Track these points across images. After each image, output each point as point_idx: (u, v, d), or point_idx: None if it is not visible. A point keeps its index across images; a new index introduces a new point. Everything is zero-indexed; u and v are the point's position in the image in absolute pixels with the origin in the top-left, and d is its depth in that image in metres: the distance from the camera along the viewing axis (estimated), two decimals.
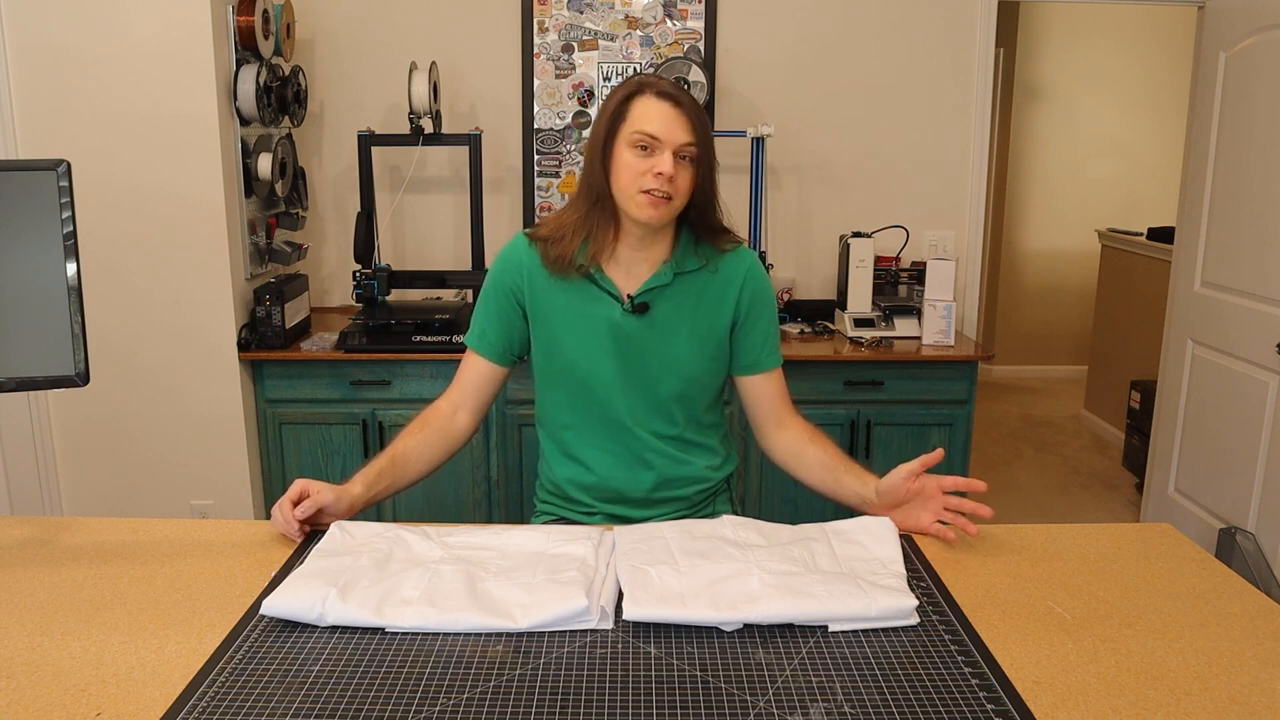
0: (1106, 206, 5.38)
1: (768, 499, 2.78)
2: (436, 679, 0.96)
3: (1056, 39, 5.31)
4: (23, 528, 1.36)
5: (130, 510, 2.72)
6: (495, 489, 2.78)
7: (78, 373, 1.24)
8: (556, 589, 1.09)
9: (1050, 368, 5.70)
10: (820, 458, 1.48)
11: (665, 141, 1.39)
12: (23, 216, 1.20)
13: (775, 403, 1.57)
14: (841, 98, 3.16)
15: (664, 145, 1.40)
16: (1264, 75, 2.79)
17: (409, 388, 2.71)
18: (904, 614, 1.07)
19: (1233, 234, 2.94)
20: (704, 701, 0.93)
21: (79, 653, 1.01)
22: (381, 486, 1.42)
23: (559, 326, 1.52)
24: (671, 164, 1.39)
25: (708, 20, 3.09)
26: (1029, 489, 3.97)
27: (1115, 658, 1.02)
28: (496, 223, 3.14)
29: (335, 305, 3.25)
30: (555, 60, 3.11)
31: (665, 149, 1.39)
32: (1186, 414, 3.18)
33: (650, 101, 1.41)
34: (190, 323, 2.64)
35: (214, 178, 2.57)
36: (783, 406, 1.57)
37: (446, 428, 1.52)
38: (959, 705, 0.92)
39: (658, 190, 1.40)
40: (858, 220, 3.17)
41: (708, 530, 1.27)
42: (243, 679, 0.96)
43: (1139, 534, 1.35)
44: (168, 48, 2.51)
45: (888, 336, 2.85)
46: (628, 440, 1.53)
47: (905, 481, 1.32)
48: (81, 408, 2.68)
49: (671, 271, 1.50)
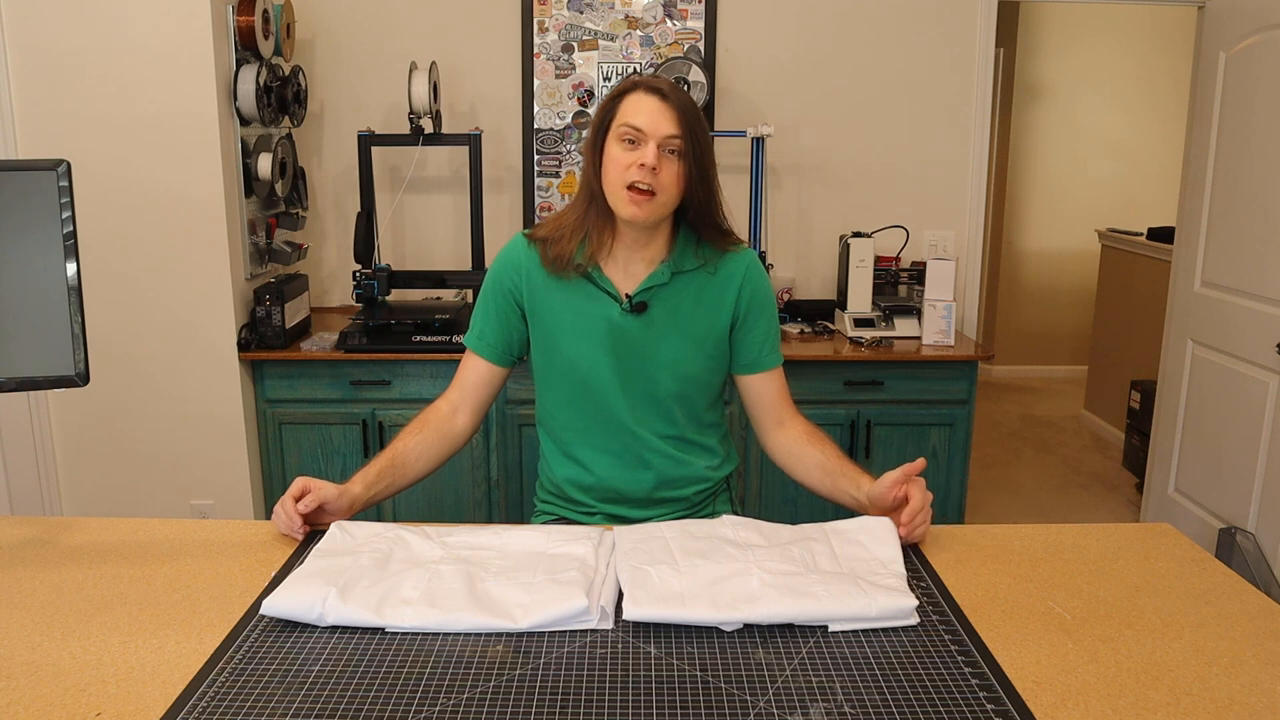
0: (1106, 206, 5.38)
1: (768, 499, 2.78)
2: (436, 679, 0.96)
3: (1056, 39, 5.31)
4: (23, 528, 1.36)
5: (130, 510, 2.71)
6: (495, 489, 2.78)
7: (78, 373, 1.24)
8: (556, 589, 1.09)
9: (1050, 368, 5.70)
10: (818, 459, 1.48)
11: (650, 133, 1.39)
12: (23, 216, 1.20)
13: (775, 402, 1.57)
14: (841, 98, 3.16)
15: (648, 137, 1.39)
16: (1264, 75, 2.79)
17: (409, 388, 2.71)
18: (904, 614, 1.07)
19: (1233, 234, 2.94)
20: (704, 701, 0.93)
21: (79, 653, 1.01)
22: (381, 486, 1.42)
23: (558, 327, 1.52)
24: (655, 156, 1.39)
25: (708, 20, 3.09)
26: (1029, 489, 3.97)
27: (1115, 658, 1.02)
28: (496, 223, 3.14)
29: (335, 305, 3.25)
30: (555, 60, 3.11)
31: (650, 141, 1.39)
32: (1186, 414, 3.18)
33: (639, 96, 1.41)
34: (190, 323, 2.64)
35: (214, 178, 2.57)
36: (783, 406, 1.57)
37: (446, 428, 1.52)
38: (959, 705, 0.92)
39: (641, 183, 1.39)
40: (858, 220, 3.17)
41: (708, 530, 1.27)
42: (243, 679, 0.96)
43: (1139, 534, 1.35)
44: (168, 48, 2.51)
45: (888, 336, 2.85)
46: (627, 440, 1.53)
47: (891, 489, 1.32)
48: (81, 408, 2.68)
49: (669, 271, 1.50)
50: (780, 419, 1.56)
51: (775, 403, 1.57)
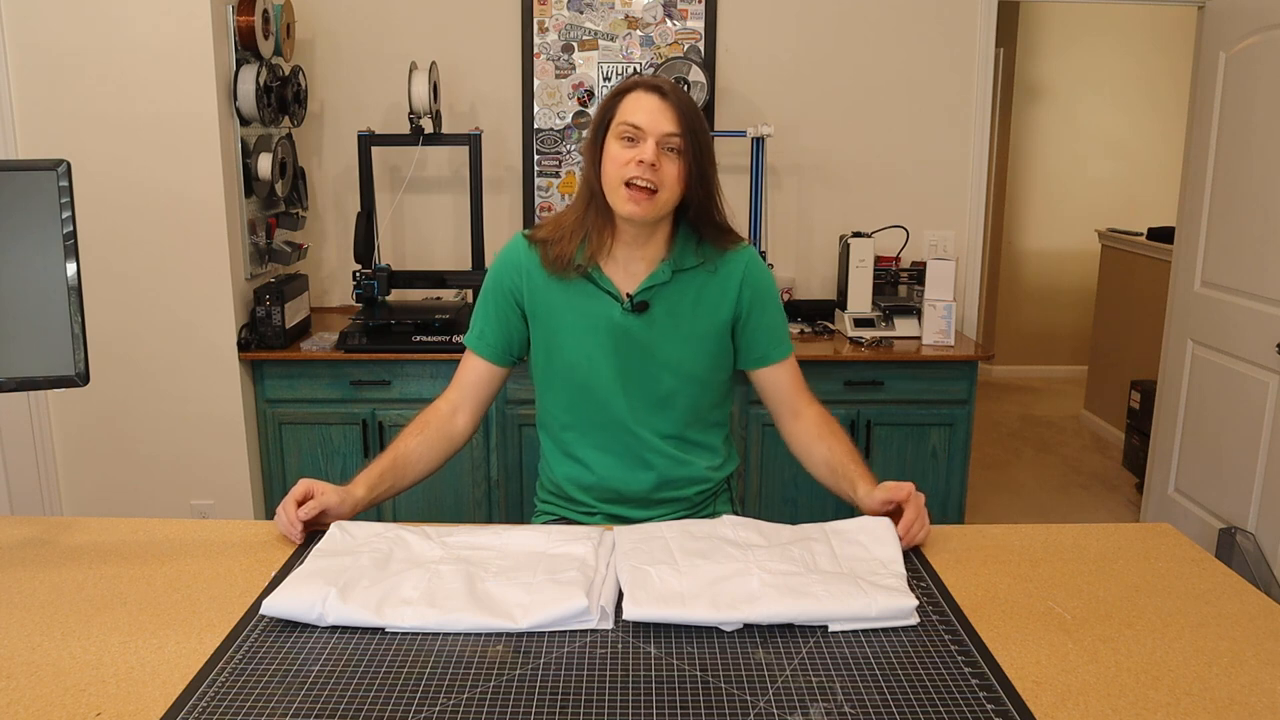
0: (1106, 206, 5.37)
1: (768, 499, 2.78)
2: (436, 679, 0.96)
3: (1056, 39, 5.31)
4: (23, 528, 1.36)
5: (130, 510, 2.71)
6: (495, 489, 2.78)
7: (78, 373, 1.24)
8: (556, 589, 1.09)
9: (1050, 368, 5.69)
10: (824, 456, 1.49)
11: (649, 131, 1.39)
12: (23, 216, 1.20)
13: (790, 393, 1.57)
14: (841, 98, 3.16)
15: (647, 135, 1.39)
16: (1264, 75, 2.79)
17: (409, 388, 2.71)
18: (904, 614, 1.07)
19: (1233, 234, 2.94)
20: (704, 701, 0.93)
21: (79, 653, 1.01)
22: (384, 488, 1.43)
23: (558, 326, 1.52)
24: (654, 153, 1.39)
25: (708, 20, 3.09)
26: (1029, 489, 3.97)
27: (1115, 658, 1.02)
28: (496, 223, 3.14)
29: (335, 305, 3.25)
30: (555, 60, 3.11)
31: (649, 138, 1.39)
32: (1186, 414, 3.18)
33: (638, 95, 1.42)
34: (190, 323, 2.64)
35: (214, 178, 2.57)
36: (798, 396, 1.57)
37: (446, 428, 1.52)
38: (959, 705, 0.92)
39: (640, 180, 1.39)
40: (858, 220, 3.17)
41: (708, 530, 1.27)
42: (243, 679, 0.96)
43: (1139, 534, 1.35)
44: (168, 48, 2.51)
45: (888, 336, 2.85)
46: (628, 440, 1.53)
47: (881, 507, 1.34)
48: (81, 408, 2.68)
49: (670, 270, 1.50)
50: (796, 410, 1.57)
51: (790, 393, 1.57)
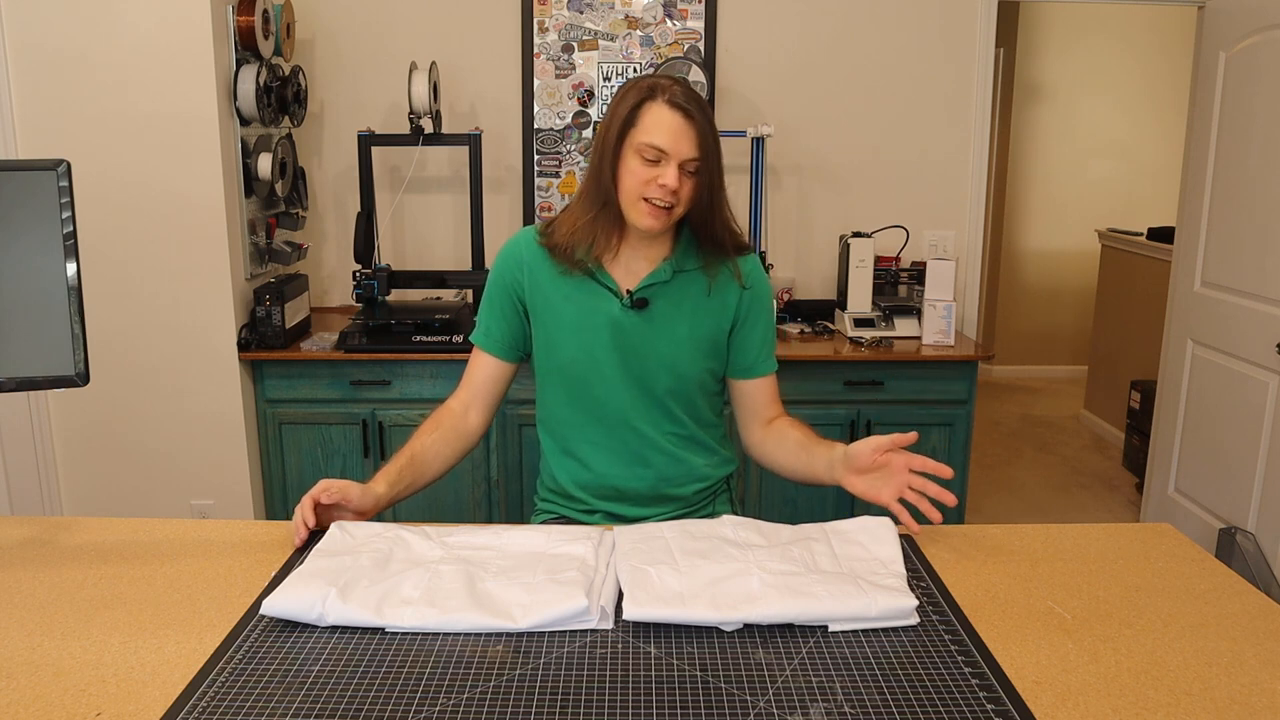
0: (1106, 206, 5.38)
1: (768, 499, 2.78)
2: (436, 679, 0.96)
3: (1056, 39, 5.31)
4: (23, 528, 1.36)
5: (130, 510, 2.71)
6: (495, 489, 2.78)
7: (78, 373, 1.24)
8: (556, 589, 1.09)
9: (1050, 368, 5.69)
10: (796, 437, 1.51)
11: (672, 155, 1.39)
12: (23, 216, 1.20)
13: (765, 404, 1.59)
14: (841, 98, 3.16)
15: (670, 158, 1.39)
16: (1264, 75, 2.79)
17: (409, 388, 2.71)
18: (904, 614, 1.07)
19: (1233, 234, 2.94)
20: (704, 701, 0.93)
21: (79, 653, 1.01)
22: (403, 485, 1.43)
23: (558, 322, 1.52)
24: (676, 178, 1.39)
25: (708, 20, 3.09)
26: (1029, 489, 3.97)
27: (1115, 658, 1.02)
28: (496, 223, 3.14)
29: (335, 305, 3.25)
30: (555, 60, 3.11)
31: (671, 161, 1.39)
32: (1186, 414, 3.18)
33: (662, 111, 1.39)
34: (190, 323, 2.64)
35: (214, 178, 2.57)
36: (772, 406, 1.59)
37: (460, 426, 1.53)
38: (959, 705, 0.92)
39: (659, 200, 1.40)
40: (858, 220, 3.17)
41: (708, 530, 1.27)
42: (243, 679, 0.96)
43: (1139, 534, 1.35)
44: (168, 48, 2.51)
45: (888, 336, 2.85)
46: (626, 437, 1.53)
47: (873, 453, 1.33)
48: (81, 408, 2.68)
49: (671, 269, 1.50)
50: (768, 418, 1.59)
51: (766, 405, 1.59)
